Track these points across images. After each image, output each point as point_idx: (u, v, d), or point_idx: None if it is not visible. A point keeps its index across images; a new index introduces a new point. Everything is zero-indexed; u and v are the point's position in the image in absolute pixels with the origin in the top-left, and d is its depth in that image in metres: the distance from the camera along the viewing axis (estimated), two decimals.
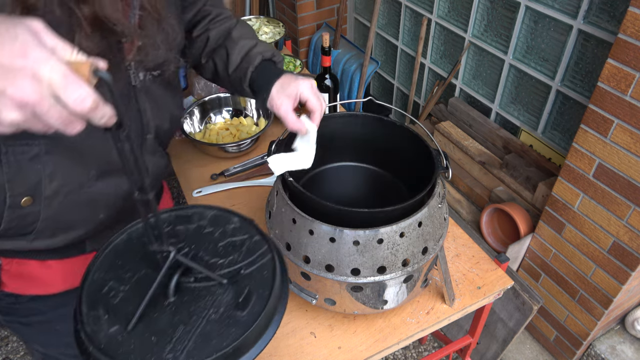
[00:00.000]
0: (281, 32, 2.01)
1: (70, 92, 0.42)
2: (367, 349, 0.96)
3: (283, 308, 0.64)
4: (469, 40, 1.98)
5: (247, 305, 0.60)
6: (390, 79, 2.65)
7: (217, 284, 0.63)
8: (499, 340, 1.70)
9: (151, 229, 0.58)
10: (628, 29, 1.18)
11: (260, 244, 0.68)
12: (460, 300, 1.04)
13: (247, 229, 0.71)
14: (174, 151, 1.49)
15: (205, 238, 0.68)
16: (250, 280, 0.63)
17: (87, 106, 0.42)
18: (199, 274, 0.63)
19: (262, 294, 0.62)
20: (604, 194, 1.40)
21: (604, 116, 1.31)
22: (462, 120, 2.06)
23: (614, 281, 1.48)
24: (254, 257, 0.66)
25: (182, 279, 0.62)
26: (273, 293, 0.62)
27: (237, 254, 0.67)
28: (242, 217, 0.72)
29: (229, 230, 0.70)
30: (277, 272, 0.64)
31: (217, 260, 0.66)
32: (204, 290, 0.62)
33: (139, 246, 0.67)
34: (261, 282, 0.63)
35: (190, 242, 0.68)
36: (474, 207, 1.94)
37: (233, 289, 0.62)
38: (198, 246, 0.67)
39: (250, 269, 0.65)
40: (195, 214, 0.72)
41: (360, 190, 1.10)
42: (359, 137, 1.03)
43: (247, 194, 1.32)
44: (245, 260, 0.66)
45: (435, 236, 0.87)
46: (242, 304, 0.60)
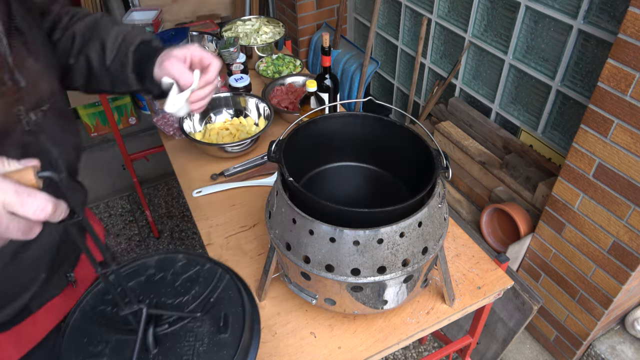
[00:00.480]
0: (281, 32, 2.01)
1: (29, 206, 0.43)
2: (367, 349, 0.96)
3: (258, 316, 0.67)
4: (469, 40, 1.98)
5: (228, 326, 0.64)
6: (390, 79, 2.65)
7: (192, 320, 0.65)
8: (499, 340, 1.70)
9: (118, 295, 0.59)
10: (628, 29, 1.18)
11: (214, 269, 0.71)
12: (460, 300, 1.04)
13: (195, 260, 0.73)
14: (174, 151, 1.49)
15: (160, 284, 0.70)
16: (221, 304, 0.67)
17: (48, 212, 0.44)
18: (170, 317, 0.65)
19: (236, 311, 0.66)
20: (604, 194, 1.40)
21: (604, 116, 1.31)
22: (462, 120, 2.06)
23: (614, 281, 1.48)
24: (215, 283, 0.69)
25: (156, 330, 0.63)
26: (245, 307, 0.66)
27: (197, 287, 0.69)
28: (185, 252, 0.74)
29: (179, 269, 0.72)
30: (241, 288, 0.68)
31: (182, 299, 0.68)
32: (182, 330, 0.64)
33: (97, 316, 0.67)
34: (230, 302, 0.67)
35: (149, 293, 0.69)
36: (474, 207, 1.94)
37: (208, 318, 0.65)
38: (157, 294, 0.69)
39: (216, 294, 0.68)
40: (140, 267, 0.73)
41: (360, 190, 1.10)
42: (359, 137, 1.03)
43: (247, 194, 1.32)
44: (207, 289, 0.69)
45: (435, 236, 0.87)
46: (223, 327, 0.64)
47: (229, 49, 1.67)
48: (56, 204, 0.45)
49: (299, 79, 1.71)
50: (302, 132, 0.96)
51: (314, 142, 1.01)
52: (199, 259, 0.73)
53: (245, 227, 1.23)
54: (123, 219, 2.59)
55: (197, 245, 2.42)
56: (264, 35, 2.01)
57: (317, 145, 1.02)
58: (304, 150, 0.98)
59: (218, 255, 1.15)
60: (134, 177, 2.30)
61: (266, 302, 1.04)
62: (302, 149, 0.98)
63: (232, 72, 1.60)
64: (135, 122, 3.13)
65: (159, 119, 1.59)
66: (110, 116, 2.05)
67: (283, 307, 1.03)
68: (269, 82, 1.67)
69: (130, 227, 2.54)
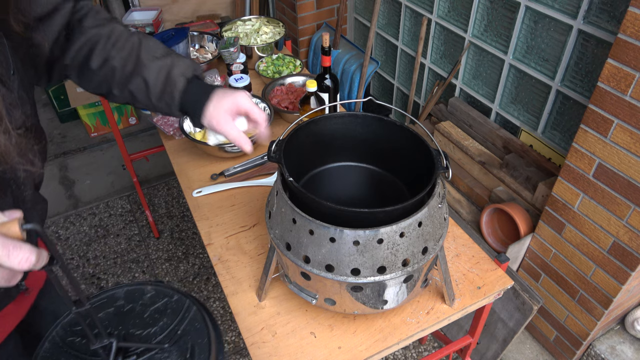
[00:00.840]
0: (281, 32, 2.01)
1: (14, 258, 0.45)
2: (367, 349, 0.96)
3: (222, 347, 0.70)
4: (469, 40, 1.98)
5: (194, 357, 0.66)
6: (390, 79, 2.65)
7: (160, 351, 0.66)
8: (499, 340, 1.70)
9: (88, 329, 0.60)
10: (628, 29, 1.18)
11: (181, 300, 0.73)
12: (460, 300, 1.05)
13: (163, 292, 0.75)
14: (174, 151, 1.49)
15: (129, 316, 0.72)
16: (188, 336, 0.69)
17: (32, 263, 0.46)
18: (138, 349, 0.66)
19: (202, 342, 0.68)
20: (604, 194, 1.40)
21: (604, 116, 1.31)
22: (462, 120, 2.06)
23: (613, 281, 1.48)
24: (182, 315, 0.71)
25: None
26: (211, 339, 0.68)
27: (165, 318, 0.71)
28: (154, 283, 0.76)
29: (147, 300, 0.74)
30: (207, 320, 0.71)
31: (150, 330, 0.69)
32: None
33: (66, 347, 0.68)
34: (197, 333, 0.69)
35: (117, 325, 0.70)
36: (474, 207, 1.94)
37: (176, 349, 0.67)
38: (126, 325, 0.70)
39: (183, 326, 0.70)
40: (109, 298, 0.74)
41: (360, 190, 1.10)
42: (359, 137, 1.03)
43: (247, 194, 1.32)
44: (175, 320, 0.71)
45: (435, 236, 0.87)
46: (189, 358, 0.66)
47: (229, 49, 1.67)
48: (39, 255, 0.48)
49: (299, 79, 1.71)
50: (302, 132, 0.96)
51: (314, 142, 1.01)
52: (167, 291, 0.75)
53: (245, 227, 1.23)
54: (123, 219, 2.59)
55: (197, 245, 2.42)
56: (264, 35, 2.01)
57: (317, 145, 1.02)
58: (304, 150, 0.98)
59: (218, 255, 1.15)
60: (134, 177, 2.30)
61: (266, 302, 1.05)
62: (302, 149, 0.98)
63: (232, 72, 1.60)
64: (135, 122, 3.13)
65: (159, 119, 1.59)
66: (110, 116, 2.05)
67: (283, 307, 1.03)
68: (269, 82, 1.67)
69: (130, 227, 2.54)
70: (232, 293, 1.06)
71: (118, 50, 0.85)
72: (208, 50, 1.90)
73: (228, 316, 2.10)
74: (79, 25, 0.83)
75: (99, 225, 2.56)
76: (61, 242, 2.47)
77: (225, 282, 1.09)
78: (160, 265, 2.33)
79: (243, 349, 1.98)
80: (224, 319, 2.09)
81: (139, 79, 0.86)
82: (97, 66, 0.85)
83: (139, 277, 2.27)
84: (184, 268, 2.31)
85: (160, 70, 0.85)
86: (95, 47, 0.84)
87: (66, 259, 2.37)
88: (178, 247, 2.42)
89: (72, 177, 2.81)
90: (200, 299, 2.16)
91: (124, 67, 0.85)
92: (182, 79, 0.86)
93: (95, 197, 2.72)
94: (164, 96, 0.87)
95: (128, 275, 2.28)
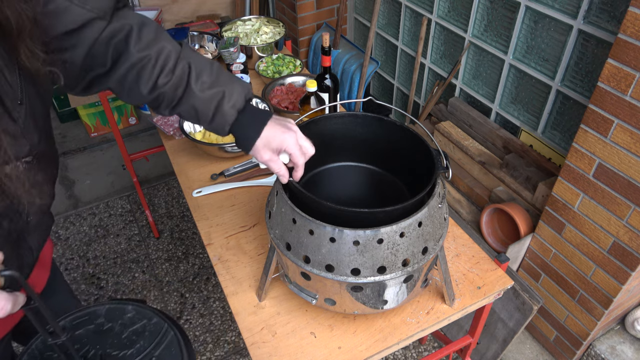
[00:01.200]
0: (281, 32, 2.01)
1: None
2: (367, 349, 0.96)
3: None
4: (469, 40, 1.98)
5: None
6: (390, 79, 2.65)
7: None
8: (499, 340, 1.70)
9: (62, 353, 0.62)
10: (628, 29, 1.18)
11: (160, 324, 0.73)
12: (460, 300, 1.04)
13: (143, 313, 0.75)
14: (174, 151, 1.49)
15: (108, 335, 0.72)
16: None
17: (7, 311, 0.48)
18: None
19: None
20: (604, 194, 1.40)
21: (604, 116, 1.31)
22: (462, 120, 2.06)
23: (614, 281, 1.48)
24: (159, 339, 0.72)
25: None
26: None
27: (142, 341, 0.71)
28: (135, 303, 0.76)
29: (127, 320, 0.74)
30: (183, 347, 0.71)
31: (127, 352, 0.70)
32: None
33: None
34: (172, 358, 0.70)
35: (95, 344, 0.70)
36: (474, 207, 1.94)
37: None
38: (104, 345, 0.70)
39: (159, 350, 0.70)
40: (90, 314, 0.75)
41: (360, 190, 1.10)
42: (359, 137, 1.03)
43: (247, 194, 1.32)
44: (151, 344, 0.71)
45: (435, 236, 0.87)
46: None
47: (229, 49, 1.67)
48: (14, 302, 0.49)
49: (299, 79, 1.71)
50: (302, 132, 0.96)
51: (314, 142, 1.01)
52: (147, 312, 0.75)
53: (245, 227, 1.23)
54: (123, 219, 2.59)
55: (197, 245, 2.42)
56: (264, 35, 2.01)
57: (317, 145, 1.02)
58: None
59: (218, 255, 1.15)
60: (134, 177, 2.30)
61: (266, 302, 1.05)
62: None
63: (232, 72, 1.60)
64: (135, 122, 3.13)
65: (159, 119, 1.59)
66: (110, 116, 2.05)
67: (283, 307, 1.03)
68: (269, 82, 1.67)
69: (130, 227, 2.54)
70: (232, 293, 1.06)
71: (167, 75, 0.81)
72: (208, 50, 1.90)
73: (228, 316, 2.10)
74: (125, 48, 0.79)
75: (99, 225, 2.56)
76: (61, 242, 2.47)
77: (225, 282, 1.09)
78: (160, 265, 2.33)
79: (243, 349, 1.98)
80: (224, 319, 2.09)
81: (189, 106, 0.84)
82: (146, 92, 0.82)
83: (139, 277, 2.27)
84: (184, 268, 2.31)
85: (211, 101, 0.83)
86: (143, 72, 0.81)
87: (66, 259, 2.37)
88: (178, 247, 2.42)
89: (72, 177, 2.80)
90: (200, 299, 2.16)
91: (173, 93, 0.83)
92: (233, 112, 0.85)
93: (95, 197, 2.72)
94: (213, 124, 0.86)
95: (128, 275, 2.28)
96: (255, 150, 0.86)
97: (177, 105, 0.84)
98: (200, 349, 1.98)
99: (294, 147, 0.85)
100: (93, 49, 0.77)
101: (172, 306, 2.15)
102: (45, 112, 0.81)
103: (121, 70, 0.80)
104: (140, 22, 0.80)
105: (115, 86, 0.82)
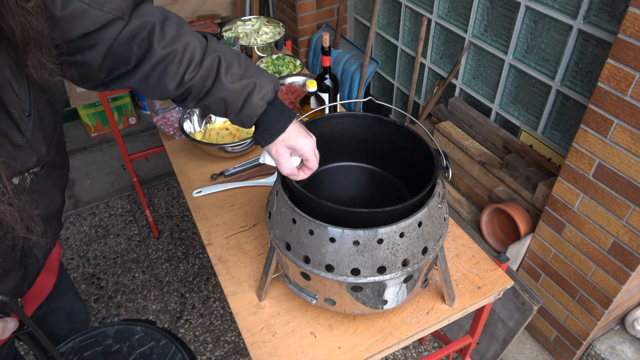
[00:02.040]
0: (281, 32, 2.01)
1: None
2: (367, 349, 0.96)
3: None
4: (469, 40, 1.98)
5: None
6: (390, 79, 2.65)
7: None
8: (499, 340, 1.70)
9: None
10: (628, 29, 1.18)
11: (168, 346, 0.73)
12: (460, 300, 1.04)
13: (152, 334, 0.75)
14: (174, 151, 1.49)
15: (115, 357, 0.72)
16: None
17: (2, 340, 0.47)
18: None
19: None
20: (604, 194, 1.40)
21: (604, 116, 1.31)
22: (462, 120, 2.06)
23: (613, 281, 1.48)
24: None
25: None
26: None
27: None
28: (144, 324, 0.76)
29: (135, 342, 0.74)
30: None
31: None
32: None
33: None
34: None
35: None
36: (474, 207, 1.94)
37: None
38: None
39: None
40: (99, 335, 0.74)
41: (360, 190, 1.10)
42: (359, 137, 1.03)
43: (247, 194, 1.32)
44: None
45: (435, 236, 0.87)
46: None
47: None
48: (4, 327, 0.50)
49: (299, 79, 1.71)
50: None
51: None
52: (155, 334, 0.75)
53: (245, 227, 1.23)
54: (123, 219, 2.59)
55: (197, 245, 2.42)
56: (264, 35, 2.01)
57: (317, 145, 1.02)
58: None
59: (218, 255, 1.15)
60: (134, 177, 2.30)
61: (266, 302, 1.05)
62: None
63: None
64: (135, 122, 3.13)
65: (159, 119, 1.59)
66: (110, 116, 2.05)
67: (283, 307, 1.03)
68: None
69: (130, 227, 2.54)
70: (232, 293, 1.06)
71: (194, 68, 0.80)
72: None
73: (228, 316, 2.10)
74: (149, 46, 0.77)
75: (99, 225, 2.56)
76: (61, 242, 2.46)
77: (225, 282, 1.09)
78: (160, 265, 2.33)
79: (243, 349, 1.98)
80: (224, 319, 2.09)
81: (217, 98, 0.83)
82: (173, 87, 0.81)
83: (139, 277, 2.27)
84: (184, 268, 2.31)
85: (242, 92, 0.82)
86: (169, 68, 0.79)
87: (66, 259, 2.37)
88: (178, 247, 2.42)
89: (72, 177, 2.80)
90: (200, 299, 2.16)
91: (202, 85, 0.82)
92: (262, 103, 0.84)
93: (95, 197, 2.72)
94: (241, 115, 0.85)
95: (128, 275, 2.28)
96: (274, 144, 0.86)
97: (205, 97, 0.83)
98: (200, 349, 1.98)
99: (311, 153, 0.87)
100: (112, 48, 0.75)
101: (172, 306, 2.15)
102: (55, 120, 0.80)
103: (146, 68, 0.78)
104: (162, 18, 0.79)
105: (138, 84, 0.81)
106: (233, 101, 0.83)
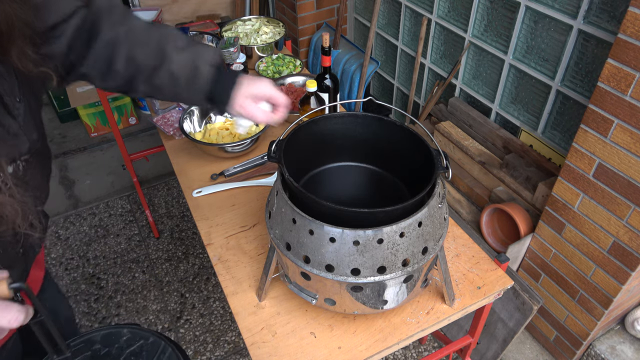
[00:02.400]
0: (281, 32, 2.01)
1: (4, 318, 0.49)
2: (367, 349, 0.96)
3: None
4: (469, 40, 1.98)
5: None
6: (390, 79, 2.65)
7: None
8: (499, 340, 1.70)
9: None
10: (628, 29, 1.18)
11: (157, 343, 0.75)
12: (460, 300, 1.04)
13: (139, 334, 0.76)
14: (174, 151, 1.49)
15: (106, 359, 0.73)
16: None
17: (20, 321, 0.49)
18: None
19: None
20: (604, 194, 1.40)
21: (604, 116, 1.31)
22: (462, 120, 2.06)
23: (614, 281, 1.48)
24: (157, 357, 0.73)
25: None
26: None
27: None
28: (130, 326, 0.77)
29: (124, 343, 0.75)
30: None
31: None
32: None
33: None
34: None
35: None
36: (474, 207, 1.94)
37: None
38: None
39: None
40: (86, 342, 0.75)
41: (360, 190, 1.10)
42: (359, 137, 1.03)
43: (247, 194, 1.32)
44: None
45: (435, 236, 0.87)
46: None
47: (229, 49, 1.67)
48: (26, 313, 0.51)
49: (299, 79, 1.71)
50: (302, 132, 0.96)
51: (314, 142, 1.01)
52: (143, 333, 0.76)
53: (245, 227, 1.23)
54: (123, 219, 2.59)
55: (197, 245, 2.42)
56: (264, 35, 2.01)
57: (317, 145, 1.02)
58: (304, 150, 0.98)
59: (218, 255, 1.15)
60: (134, 177, 2.30)
61: (266, 302, 1.05)
62: (302, 149, 0.98)
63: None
64: (135, 122, 3.13)
65: (159, 119, 1.59)
66: (110, 116, 2.05)
67: (283, 307, 1.03)
68: None
69: (130, 227, 2.54)
70: (232, 293, 1.06)
71: (142, 46, 0.83)
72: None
73: (228, 316, 2.10)
74: (95, 29, 0.80)
75: (99, 225, 2.56)
76: (61, 242, 2.47)
77: (225, 282, 1.09)
78: (160, 265, 2.33)
79: (243, 349, 1.98)
80: (224, 319, 2.09)
81: (165, 72, 0.84)
82: (122, 67, 0.83)
83: (139, 277, 2.27)
84: (184, 268, 2.31)
85: (187, 61, 0.84)
86: (117, 48, 0.82)
87: (66, 259, 2.37)
88: (178, 247, 2.42)
89: (72, 177, 2.80)
90: (200, 299, 2.16)
91: (149, 62, 0.84)
92: (208, 68, 0.85)
93: (95, 197, 2.72)
94: (191, 86, 0.86)
95: (128, 275, 2.28)
96: (236, 102, 0.86)
97: (154, 74, 0.84)
98: (200, 349, 1.98)
99: (272, 89, 0.88)
100: (73, 37, 0.78)
101: (172, 306, 2.15)
102: (39, 110, 0.81)
103: (95, 51, 0.81)
104: (109, 4, 0.82)
105: (90, 70, 0.83)
106: (181, 72, 0.84)
